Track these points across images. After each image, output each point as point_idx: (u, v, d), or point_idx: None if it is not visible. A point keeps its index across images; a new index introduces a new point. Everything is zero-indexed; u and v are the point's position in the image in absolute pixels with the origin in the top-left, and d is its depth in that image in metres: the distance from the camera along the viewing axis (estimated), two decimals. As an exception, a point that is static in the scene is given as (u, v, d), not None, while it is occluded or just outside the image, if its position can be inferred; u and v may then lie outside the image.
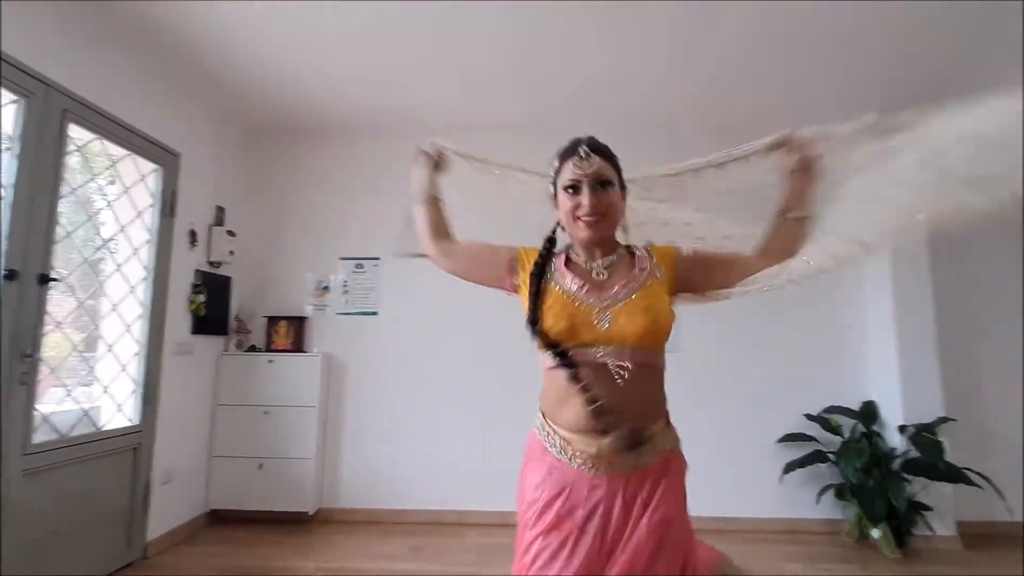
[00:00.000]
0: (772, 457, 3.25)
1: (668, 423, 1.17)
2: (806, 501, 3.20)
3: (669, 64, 2.87)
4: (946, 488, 2.97)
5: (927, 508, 2.90)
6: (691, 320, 3.38)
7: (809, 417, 3.24)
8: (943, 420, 2.98)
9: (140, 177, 2.78)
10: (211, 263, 3.26)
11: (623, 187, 1.19)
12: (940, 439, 2.88)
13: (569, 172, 1.14)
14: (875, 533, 2.88)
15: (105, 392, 2.59)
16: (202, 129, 3.21)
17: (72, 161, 2.38)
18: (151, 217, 2.84)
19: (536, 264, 1.19)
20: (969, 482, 2.76)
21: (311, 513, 3.26)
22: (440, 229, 1.36)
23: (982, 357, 3.35)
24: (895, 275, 3.19)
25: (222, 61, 2.82)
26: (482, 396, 3.37)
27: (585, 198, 1.12)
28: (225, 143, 3.43)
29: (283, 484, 3.23)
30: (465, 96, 3.21)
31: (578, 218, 1.13)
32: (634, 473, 1.08)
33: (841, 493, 3.07)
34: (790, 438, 3.21)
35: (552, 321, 1.10)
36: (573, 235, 1.18)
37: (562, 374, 1.08)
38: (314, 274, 3.57)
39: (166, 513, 2.88)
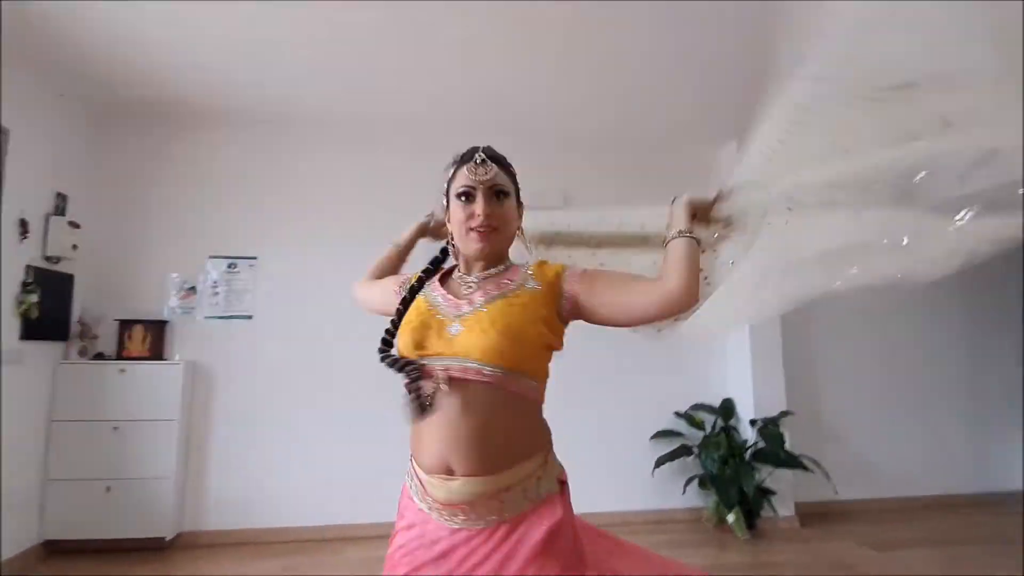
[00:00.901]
0: (645, 452, 3.48)
1: (546, 462, 1.00)
2: (674, 492, 3.47)
3: (560, 75, 2.98)
4: (787, 474, 3.37)
5: (772, 492, 3.27)
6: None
7: (678, 414, 3.52)
8: (784, 414, 3.39)
9: (-50, 155, 2.37)
10: (47, 258, 2.85)
11: (520, 202, 1.12)
12: (782, 431, 3.26)
13: (463, 178, 1.04)
14: (730, 518, 3.19)
15: None
16: (38, 104, 2.81)
17: None
18: (-35, 203, 2.42)
19: (415, 281, 1.12)
20: (804, 467, 3.15)
21: (168, 539, 2.94)
22: (380, 272, 1.32)
23: (819, 358, 3.85)
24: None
25: (67, 28, 2.47)
26: (365, 406, 3.22)
27: (479, 207, 1.02)
28: (69, 122, 3.03)
29: (135, 508, 2.88)
30: (348, 92, 3.09)
31: (471, 229, 1.03)
32: (500, 527, 0.91)
33: (703, 483, 3.37)
34: (661, 434, 3.46)
35: (407, 334, 1.00)
36: (463, 249, 1.07)
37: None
38: (180, 274, 3.24)
39: (-22, 551, 2.46)
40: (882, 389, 3.91)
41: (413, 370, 0.93)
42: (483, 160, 1.04)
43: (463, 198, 1.04)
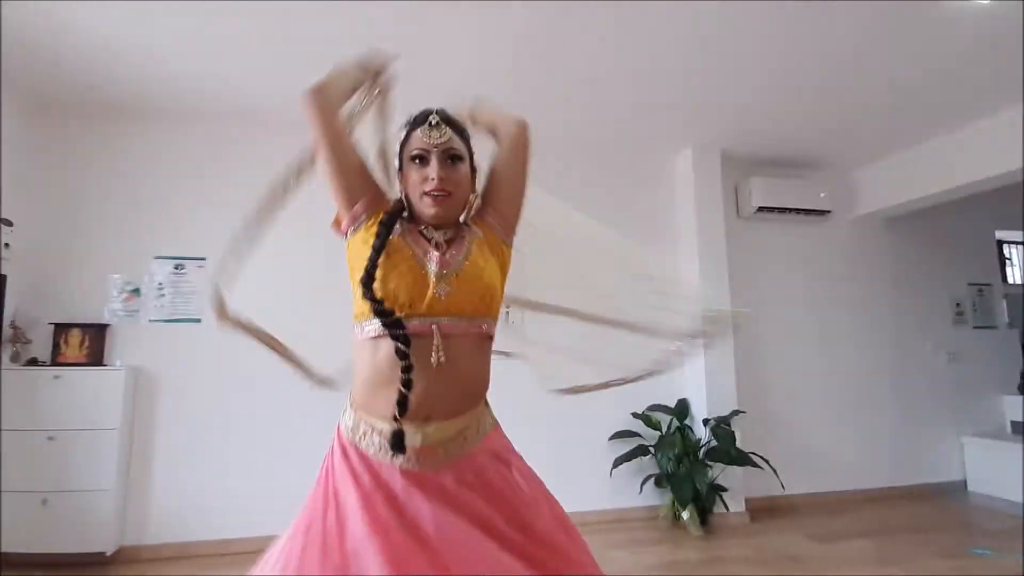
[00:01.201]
0: (604, 453, 3.54)
1: (485, 399, 1.10)
2: (631, 491, 3.54)
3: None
4: (737, 471, 3.49)
5: (724, 489, 3.38)
6: (532, 324, 3.59)
7: (635, 415, 3.60)
8: (736, 412, 3.51)
9: None
10: (-25, 258, 2.67)
11: (474, 168, 1.12)
12: (733, 429, 3.38)
13: (417, 141, 1.04)
14: (684, 515, 3.28)
15: None
16: (-35, 94, 2.62)
17: None
18: None
19: (388, 214, 1.04)
20: (753, 464, 3.27)
21: (109, 553, 2.79)
22: (337, 109, 1.11)
23: (768, 358, 4.00)
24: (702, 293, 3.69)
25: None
26: (321, 410, 3.15)
27: (432, 171, 1.01)
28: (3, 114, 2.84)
29: (74, 521, 2.72)
30: (296, 81, 3.01)
31: (425, 193, 1.02)
32: (462, 459, 0.99)
33: (659, 481, 3.45)
34: (619, 435, 3.52)
35: (395, 283, 0.96)
36: (418, 212, 1.06)
37: (386, 348, 0.94)
38: (122, 275, 3.08)
39: None
40: (825, 386, 4.09)
41: (403, 343, 0.92)
42: (437, 123, 1.04)
43: (417, 161, 1.04)
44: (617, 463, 3.39)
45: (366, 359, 0.99)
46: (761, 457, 3.35)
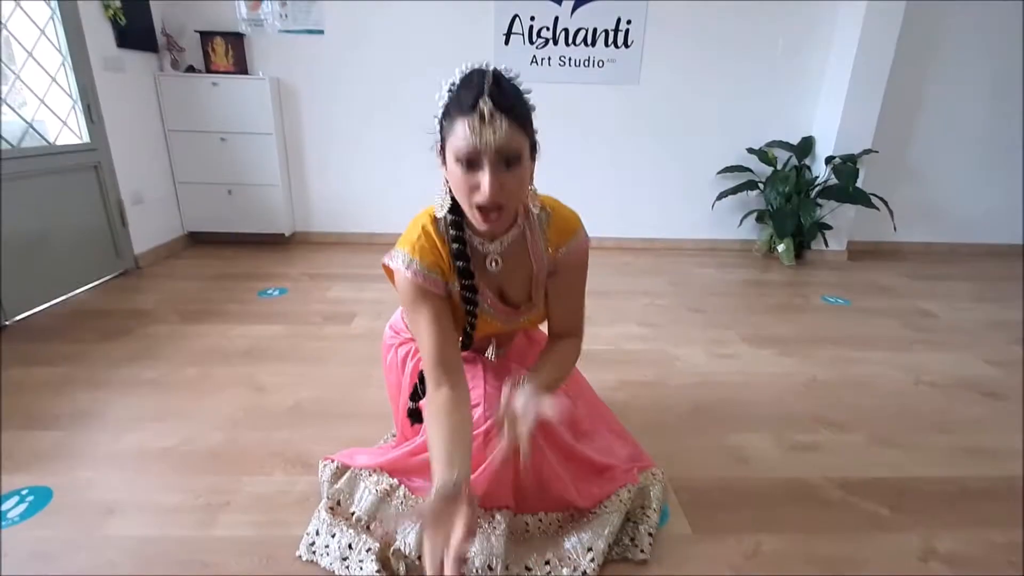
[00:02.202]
0: (710, 186, 3.57)
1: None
2: (730, 225, 3.66)
3: None
4: (849, 212, 3.44)
5: (828, 227, 3.40)
6: (653, 53, 3.31)
7: (750, 150, 3.47)
8: (866, 152, 3.27)
9: None
10: (115, -43, 2.77)
11: (534, 147, 0.91)
12: (858, 168, 3.20)
13: (464, 137, 0.82)
14: (780, 247, 3.41)
15: (42, 104, 2.45)
16: None
17: None
18: None
19: (461, 276, 1.00)
20: (869, 203, 3.18)
21: (287, 235, 3.52)
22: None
23: (925, 94, 3.48)
24: (867, 15, 3.07)
25: None
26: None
27: (484, 180, 0.83)
28: None
29: (255, 209, 3.38)
30: None
31: (474, 204, 0.88)
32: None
33: (761, 217, 3.52)
34: (729, 169, 3.48)
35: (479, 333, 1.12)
36: (466, 213, 0.93)
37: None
38: (242, -20, 3.10)
39: (146, 232, 3.05)
40: (980, 130, 3.57)
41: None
42: (491, 115, 0.81)
43: (464, 164, 0.85)
44: (722, 196, 3.43)
45: None
46: (880, 198, 3.23)
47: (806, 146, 3.42)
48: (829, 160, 3.28)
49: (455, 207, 0.96)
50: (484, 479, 1.03)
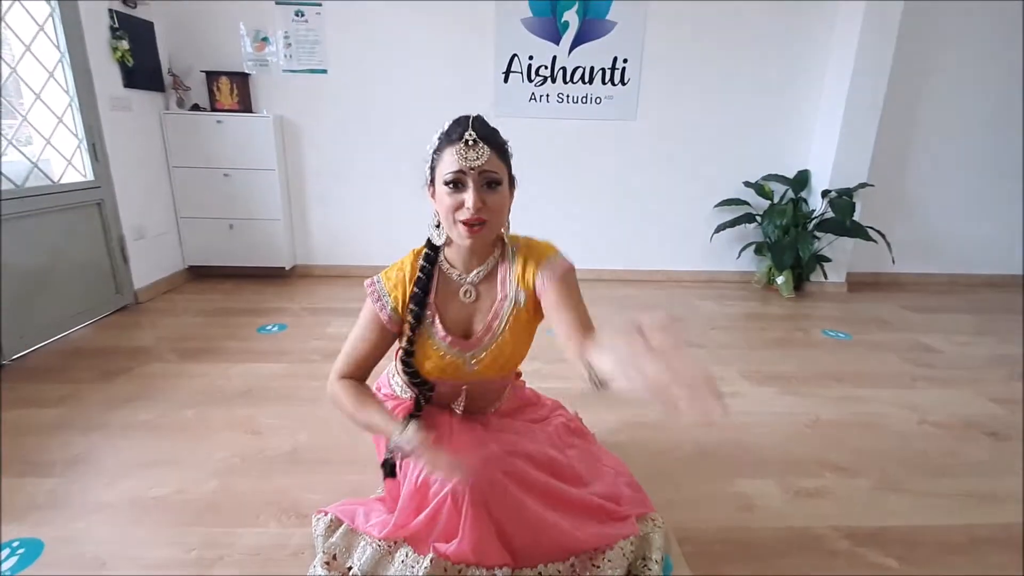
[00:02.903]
0: (708, 219, 3.61)
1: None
2: (728, 257, 3.68)
3: None
4: (847, 243, 3.46)
5: (827, 259, 3.42)
6: (649, 90, 3.38)
7: (747, 184, 3.51)
8: (862, 185, 3.31)
9: None
10: (125, 2, 2.85)
11: (512, 181, 1.06)
12: (855, 202, 3.23)
13: (451, 161, 0.96)
14: (779, 279, 3.42)
15: (48, 144, 2.49)
16: None
17: None
18: (35, -67, 2.36)
19: (414, 297, 1.09)
20: (867, 237, 3.20)
21: (288, 268, 3.53)
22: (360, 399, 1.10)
23: (918, 126, 3.54)
24: (858, 53, 3.15)
25: None
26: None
27: (469, 198, 0.96)
28: None
29: (256, 243, 3.40)
30: None
31: (459, 221, 0.99)
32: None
33: (759, 249, 3.54)
34: (727, 203, 3.52)
35: (427, 368, 1.11)
36: (451, 236, 1.04)
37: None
38: (248, 23, 3.18)
39: (146, 266, 3.07)
40: (976, 160, 3.62)
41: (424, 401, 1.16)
42: (474, 141, 0.96)
43: (451, 185, 0.98)
44: (720, 228, 3.46)
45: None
46: (877, 231, 3.25)
47: (802, 180, 3.46)
48: (825, 194, 3.32)
49: (432, 245, 1.10)
50: (467, 543, 1.01)
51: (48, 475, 1.52)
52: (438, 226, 1.06)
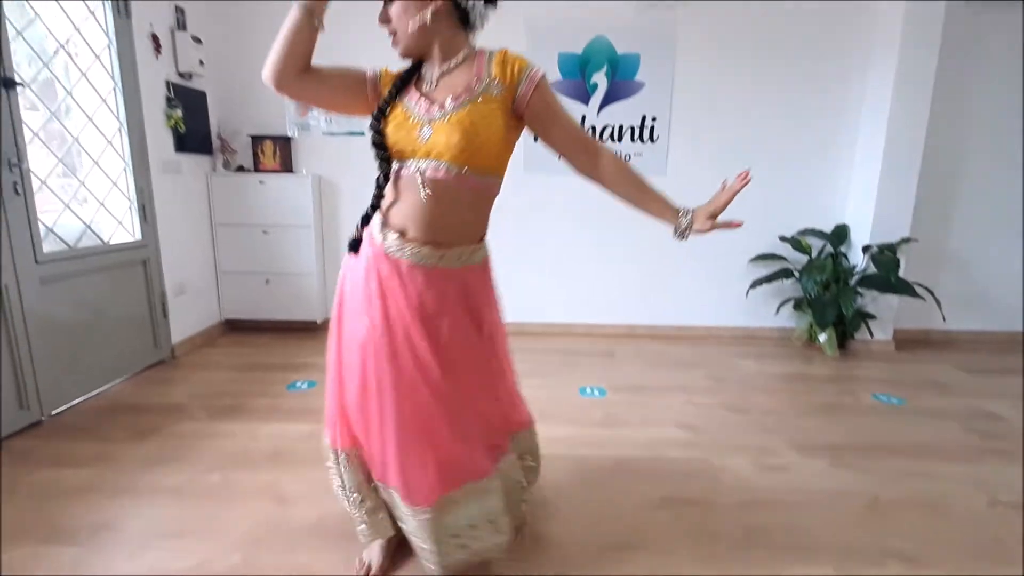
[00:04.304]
0: (743, 274, 3.52)
1: (480, 240, 1.26)
2: (766, 313, 3.56)
3: None
4: (892, 300, 3.31)
5: (871, 317, 3.27)
6: (679, 146, 3.40)
7: (783, 239, 3.43)
8: (905, 240, 3.20)
9: (82, -35, 2.45)
10: (181, 74, 3.05)
11: None
12: (898, 257, 3.11)
13: None
14: (822, 337, 3.28)
15: (101, 207, 2.62)
16: (140, -96, 2.74)
17: (0, -59, 2.07)
18: (104, 17, 2.57)
19: (398, 77, 1.18)
20: (914, 294, 3.06)
21: (319, 322, 3.57)
22: (305, 57, 1.11)
23: (962, 181, 3.44)
24: (893, 104, 3.11)
25: None
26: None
27: (382, 11, 1.13)
28: (170, -76, 2.96)
29: (290, 297, 3.47)
30: None
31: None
32: (436, 268, 1.17)
33: (799, 305, 3.41)
34: (762, 258, 3.43)
35: (390, 134, 1.12)
36: None
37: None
38: (293, 89, 3.36)
39: (185, 321, 3.14)
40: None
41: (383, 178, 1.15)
42: None
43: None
44: (756, 283, 3.36)
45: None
46: (924, 287, 3.11)
47: (840, 234, 3.37)
48: (866, 249, 3.21)
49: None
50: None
51: (72, 543, 1.50)
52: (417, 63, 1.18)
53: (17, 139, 2.10)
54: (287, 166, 3.36)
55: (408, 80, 1.16)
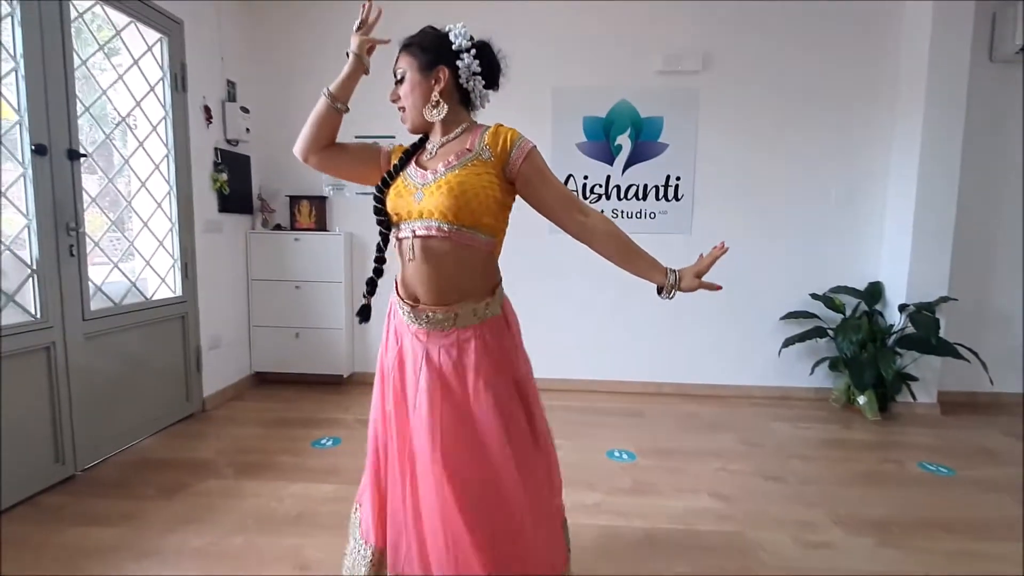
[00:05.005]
0: (773, 333, 3.44)
1: (492, 294, 1.24)
2: (800, 373, 3.45)
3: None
4: (934, 361, 3.18)
5: (913, 378, 3.13)
6: (704, 204, 3.43)
7: (814, 296, 3.37)
8: (944, 299, 3.10)
9: (147, 47, 2.69)
10: (229, 141, 3.26)
11: (430, 65, 1.20)
12: (938, 317, 3.01)
13: (395, 63, 1.27)
14: (861, 399, 3.14)
15: (147, 265, 2.76)
16: (201, -8, 3.02)
17: (77, 30, 2.30)
18: (163, 91, 2.79)
19: (405, 151, 1.28)
20: (957, 355, 2.93)
21: (345, 376, 3.60)
22: (330, 137, 1.28)
23: (996, 241, 3.36)
24: (922, 162, 3.10)
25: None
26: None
27: (394, 92, 1.27)
28: (226, 10, 3.23)
29: (319, 351, 3.52)
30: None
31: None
32: (454, 331, 1.20)
33: (835, 365, 3.30)
34: (793, 315, 3.36)
35: (390, 201, 1.22)
36: None
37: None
38: (330, 153, 3.55)
39: (217, 374, 3.21)
40: (1075, 278, 3.36)
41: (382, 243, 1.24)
42: (400, 52, 1.25)
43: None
44: (788, 343, 3.28)
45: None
46: (968, 348, 2.98)
47: (875, 292, 3.29)
48: (903, 308, 3.12)
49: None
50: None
51: (97, 609, 1.49)
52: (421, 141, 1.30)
53: (77, 205, 2.25)
54: (321, 224, 3.50)
55: (413, 153, 1.28)
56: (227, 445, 2.63)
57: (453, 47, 1.20)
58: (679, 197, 3.44)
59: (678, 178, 3.43)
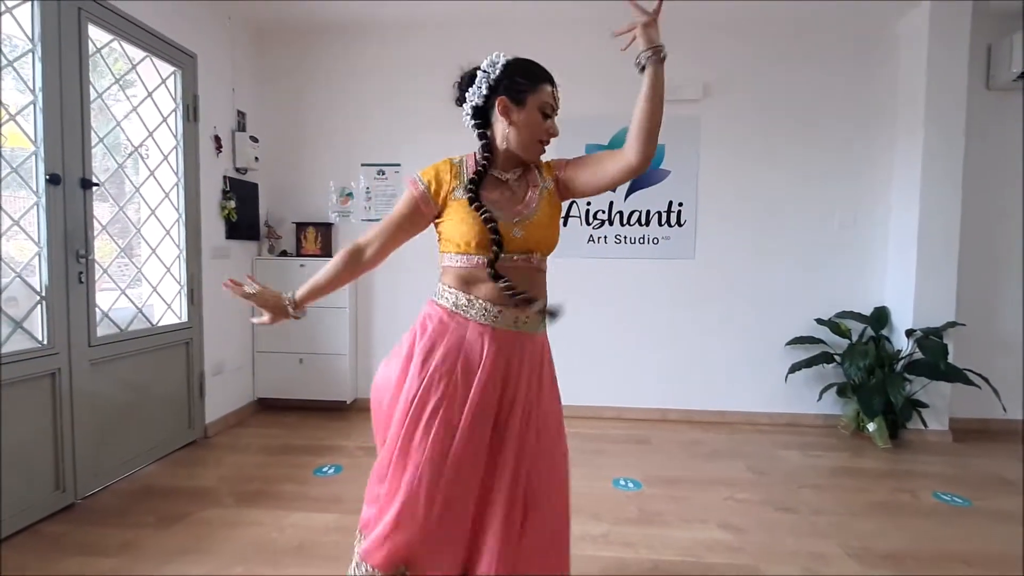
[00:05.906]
0: (779, 358, 3.42)
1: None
2: (808, 398, 3.41)
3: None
4: (944, 387, 3.13)
5: (923, 405, 3.09)
6: (707, 229, 3.44)
7: (819, 321, 3.35)
8: (951, 324, 3.08)
9: (160, 80, 2.77)
10: (238, 169, 3.32)
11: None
12: (946, 342, 2.98)
13: (547, 96, 1.26)
14: (871, 426, 3.09)
15: (154, 292, 2.78)
16: (213, 28, 3.12)
17: (94, 63, 2.37)
18: (175, 122, 2.86)
19: (473, 183, 1.25)
20: (967, 381, 2.89)
21: (348, 402, 3.58)
22: (363, 271, 1.45)
23: (1001, 266, 3.35)
24: (923, 186, 3.12)
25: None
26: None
27: (554, 127, 1.28)
28: (238, 43, 3.34)
29: (322, 377, 3.51)
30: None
31: (540, 141, 1.28)
32: (526, 335, 1.30)
33: (843, 391, 3.26)
34: (799, 341, 3.34)
35: (466, 226, 1.24)
36: (523, 152, 1.28)
37: (484, 271, 1.24)
38: (337, 181, 3.61)
39: (219, 400, 3.20)
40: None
41: (507, 283, 1.24)
42: (557, 87, 1.29)
43: (544, 114, 1.26)
44: (795, 368, 3.25)
45: (462, 269, 1.30)
46: (979, 375, 2.94)
47: (881, 317, 3.27)
48: (910, 333, 3.10)
49: (488, 148, 1.30)
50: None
51: (92, 643, 1.46)
52: (482, 142, 1.30)
53: (87, 233, 2.29)
54: (327, 250, 3.53)
55: (479, 182, 1.28)
56: (228, 473, 2.60)
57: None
58: (682, 223, 3.46)
59: (680, 204, 3.45)
